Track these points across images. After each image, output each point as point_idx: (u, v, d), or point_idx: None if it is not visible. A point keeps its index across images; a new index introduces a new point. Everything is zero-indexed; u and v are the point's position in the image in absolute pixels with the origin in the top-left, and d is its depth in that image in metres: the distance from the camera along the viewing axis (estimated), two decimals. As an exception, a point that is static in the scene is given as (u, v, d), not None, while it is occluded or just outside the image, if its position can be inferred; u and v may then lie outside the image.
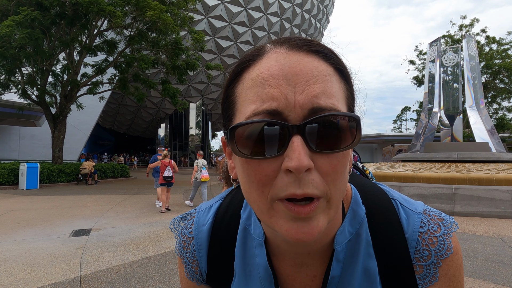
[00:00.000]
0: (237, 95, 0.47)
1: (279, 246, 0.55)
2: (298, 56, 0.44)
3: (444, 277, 0.52)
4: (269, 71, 0.43)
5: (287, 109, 0.41)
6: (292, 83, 0.42)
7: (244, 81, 0.45)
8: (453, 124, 16.34)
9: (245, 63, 0.47)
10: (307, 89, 0.41)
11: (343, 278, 0.54)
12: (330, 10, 38.19)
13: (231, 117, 0.48)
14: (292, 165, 0.39)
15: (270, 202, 0.43)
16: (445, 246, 0.52)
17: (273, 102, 0.41)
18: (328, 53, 0.46)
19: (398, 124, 61.12)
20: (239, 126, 0.42)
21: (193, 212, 0.67)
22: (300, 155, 0.39)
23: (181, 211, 8.47)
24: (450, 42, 32.11)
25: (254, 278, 0.58)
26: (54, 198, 10.60)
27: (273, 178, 0.42)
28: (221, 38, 29.93)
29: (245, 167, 0.44)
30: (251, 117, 0.42)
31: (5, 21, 11.99)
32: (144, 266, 4.18)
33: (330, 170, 0.42)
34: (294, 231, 0.42)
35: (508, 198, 7.37)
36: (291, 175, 0.40)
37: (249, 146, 0.42)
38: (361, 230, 0.54)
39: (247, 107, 0.43)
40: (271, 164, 0.41)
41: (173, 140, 36.29)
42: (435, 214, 0.55)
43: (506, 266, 4.15)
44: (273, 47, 0.46)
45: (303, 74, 0.42)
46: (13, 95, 16.57)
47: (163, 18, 13.68)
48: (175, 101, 16.83)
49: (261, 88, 0.42)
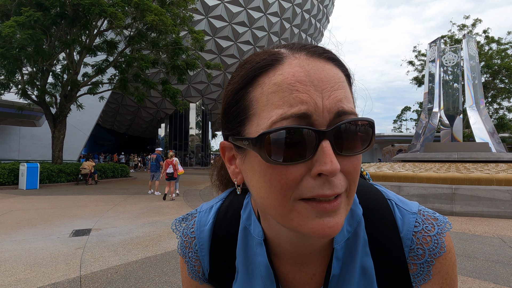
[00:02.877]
0: (253, 99, 0.46)
1: (280, 246, 0.56)
2: (319, 63, 0.45)
3: (438, 275, 0.54)
4: (294, 76, 0.43)
5: (316, 113, 0.42)
6: (319, 89, 0.43)
7: (264, 86, 0.45)
8: (453, 124, 16.34)
9: (262, 68, 0.46)
10: (333, 94, 0.43)
11: (342, 276, 0.55)
12: (330, 10, 38.20)
13: (244, 122, 0.47)
14: (327, 169, 0.40)
15: (292, 203, 0.44)
16: (438, 245, 0.54)
17: (303, 106, 0.42)
18: (340, 60, 0.49)
19: (398, 124, 61.19)
20: (270, 132, 0.41)
21: (194, 212, 0.68)
22: (333, 159, 0.41)
23: (181, 208, 8.48)
24: (450, 42, 32.11)
25: (256, 277, 0.59)
26: (54, 198, 10.61)
27: (299, 182, 0.43)
28: (221, 38, 29.93)
29: (269, 172, 0.43)
30: (278, 122, 0.42)
31: (7, 22, 11.99)
32: (144, 266, 4.18)
33: (352, 170, 0.44)
34: (320, 227, 0.43)
35: (508, 198, 7.37)
36: (320, 178, 0.42)
37: (277, 151, 0.42)
38: (358, 229, 0.56)
39: (271, 111, 0.43)
40: (299, 168, 0.42)
41: (173, 140, 36.29)
42: (429, 214, 0.57)
43: (506, 266, 4.15)
44: (290, 52, 0.47)
45: (328, 80, 0.44)
46: (13, 95, 16.57)
47: (163, 20, 13.69)
48: (175, 101, 16.83)
49: (288, 93, 0.43)
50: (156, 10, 13.52)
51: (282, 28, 31.95)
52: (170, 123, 36.84)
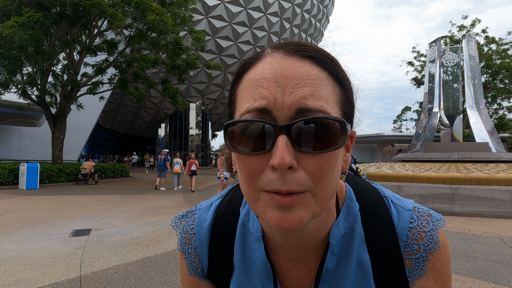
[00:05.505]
0: (237, 94, 0.51)
1: (275, 241, 0.57)
2: (291, 61, 0.46)
3: (432, 270, 0.55)
4: (262, 73, 0.46)
5: (276, 108, 0.44)
6: (282, 86, 0.44)
7: (243, 82, 0.49)
8: (453, 124, 16.34)
9: (245, 65, 0.50)
10: (295, 92, 0.44)
11: (338, 270, 0.57)
12: (330, 10, 38.18)
13: (232, 114, 0.52)
14: (275, 162, 0.42)
15: (257, 192, 0.46)
16: (433, 241, 0.55)
17: (263, 101, 0.44)
18: (323, 58, 0.48)
19: (398, 124, 61.12)
20: (232, 124, 0.46)
21: (194, 210, 0.69)
22: (283, 153, 0.41)
23: (181, 208, 8.47)
24: (450, 43, 32.10)
25: (253, 272, 0.60)
26: (54, 198, 10.61)
27: (260, 172, 0.45)
28: (221, 38, 29.90)
29: (237, 160, 0.47)
30: (244, 115, 0.46)
31: (8, 22, 11.99)
32: (144, 266, 4.18)
33: (315, 169, 0.44)
34: (276, 218, 0.44)
35: (508, 198, 7.37)
36: (276, 172, 0.43)
37: (240, 141, 0.45)
38: (355, 225, 0.57)
39: (242, 105, 0.47)
40: (259, 160, 0.45)
41: (173, 140, 36.25)
42: (424, 211, 0.59)
43: (506, 266, 4.15)
44: (271, 51, 0.49)
45: (293, 77, 0.45)
46: (13, 95, 16.57)
47: (164, 19, 13.70)
48: (175, 101, 16.83)
49: (254, 89, 0.46)
50: (157, 10, 13.52)
51: (282, 28, 31.93)
52: (170, 123, 36.80)
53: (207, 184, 16.10)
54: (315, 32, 36.29)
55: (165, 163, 13.80)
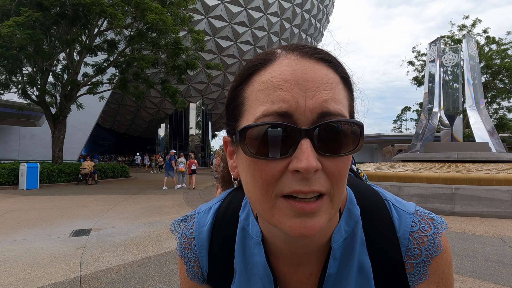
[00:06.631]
0: (246, 96, 0.48)
1: (276, 246, 0.56)
2: (309, 63, 0.45)
3: (434, 274, 0.55)
4: (281, 75, 0.44)
5: (297, 112, 0.43)
6: (303, 88, 0.43)
7: (255, 84, 0.47)
8: (453, 124, 16.33)
9: (255, 67, 0.48)
10: (318, 95, 0.43)
11: (339, 275, 0.56)
12: (330, 10, 38.18)
13: (238, 117, 0.49)
14: (302, 166, 0.41)
15: (273, 199, 0.44)
16: (435, 245, 0.54)
17: (284, 104, 0.43)
18: (335, 62, 0.48)
19: (398, 124, 61.18)
20: (251, 127, 0.43)
21: (193, 213, 0.68)
22: (310, 157, 0.41)
23: (181, 209, 8.48)
24: (450, 43, 32.10)
25: (255, 276, 0.60)
26: (54, 198, 10.60)
27: (278, 178, 0.43)
28: (221, 38, 29.91)
29: (252, 166, 0.45)
30: (261, 118, 0.44)
31: (6, 22, 11.99)
32: (144, 266, 4.18)
33: (335, 171, 0.44)
34: (297, 226, 0.43)
35: (508, 198, 7.37)
36: (298, 175, 0.42)
37: (258, 146, 0.43)
38: (356, 229, 0.56)
39: (256, 108, 0.45)
40: (278, 164, 0.43)
41: (173, 140, 36.26)
42: (426, 214, 0.57)
43: (506, 266, 4.15)
44: (284, 52, 0.48)
45: (314, 80, 0.44)
46: (13, 95, 16.55)
47: (164, 19, 13.70)
48: (175, 100, 16.83)
49: (272, 91, 0.44)
50: (157, 9, 13.52)
51: (282, 28, 31.94)
52: (170, 123, 36.82)
53: (207, 184, 16.13)
54: (315, 32, 36.29)
55: (170, 162, 14.47)
